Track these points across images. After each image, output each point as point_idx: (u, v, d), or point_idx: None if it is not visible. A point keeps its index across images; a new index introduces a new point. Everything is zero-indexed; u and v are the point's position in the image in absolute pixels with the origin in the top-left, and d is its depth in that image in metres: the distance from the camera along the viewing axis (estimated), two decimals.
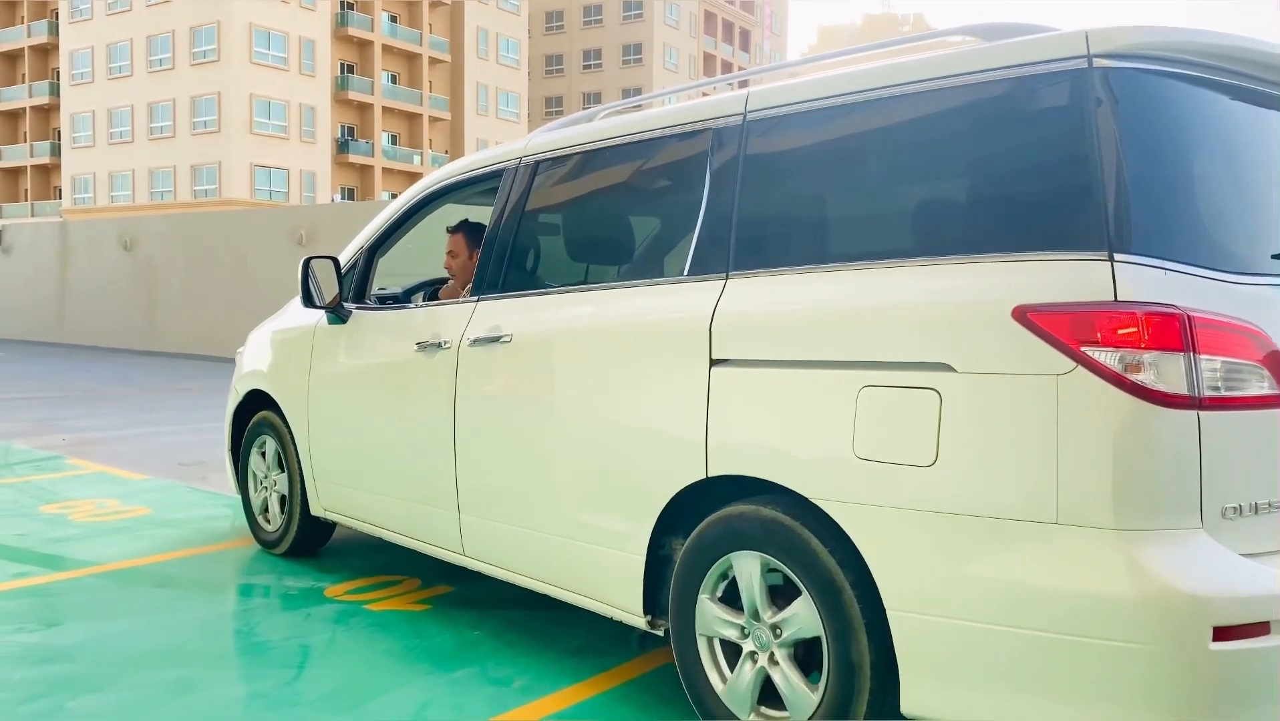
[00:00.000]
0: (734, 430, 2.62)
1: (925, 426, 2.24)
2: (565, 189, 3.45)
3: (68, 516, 5.50)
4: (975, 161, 2.38)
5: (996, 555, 2.15)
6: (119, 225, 20.29)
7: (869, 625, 2.36)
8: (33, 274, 21.88)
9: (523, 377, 3.28)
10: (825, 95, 2.64)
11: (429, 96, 55.16)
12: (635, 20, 69.42)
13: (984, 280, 2.22)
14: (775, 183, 2.74)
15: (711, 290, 2.74)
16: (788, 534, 2.49)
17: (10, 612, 3.89)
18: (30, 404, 10.79)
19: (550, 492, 3.17)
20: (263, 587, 4.33)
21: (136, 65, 47.52)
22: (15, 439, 8.26)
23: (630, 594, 2.94)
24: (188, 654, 3.49)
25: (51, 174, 54.80)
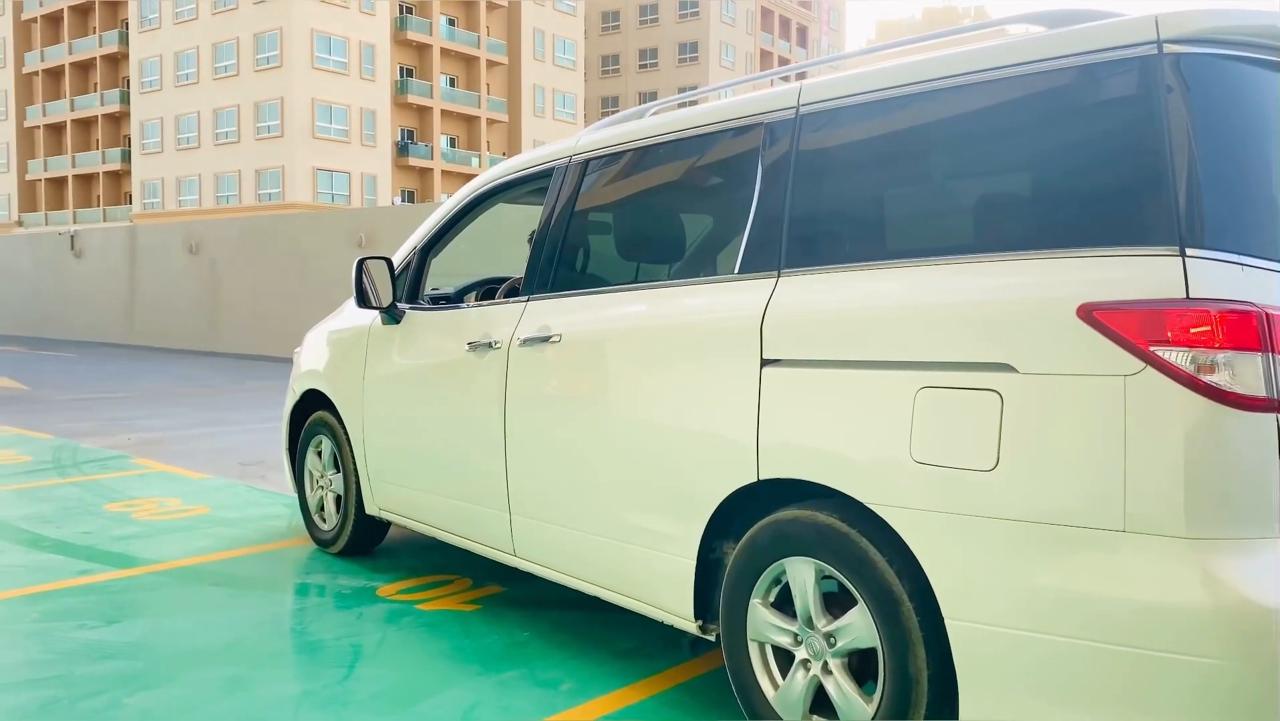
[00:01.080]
0: (786, 432, 2.56)
1: (986, 429, 2.15)
2: (614, 187, 3.41)
3: (131, 515, 5.60)
4: (1038, 153, 2.28)
5: (1061, 564, 2.06)
6: (185, 229, 20.74)
7: (927, 637, 2.28)
8: (104, 277, 22.48)
9: (572, 378, 3.24)
10: (880, 87, 2.57)
11: (486, 99, 55.62)
12: (691, 18, 69.30)
13: (1047, 277, 2.13)
14: (829, 177, 2.67)
15: (763, 288, 2.68)
16: (843, 540, 2.42)
17: (73, 609, 3.96)
18: (100, 404, 11.05)
19: (600, 494, 3.13)
20: (317, 587, 4.36)
21: (203, 72, 48.61)
22: (84, 438, 8.45)
23: (681, 598, 2.89)
24: (241, 652, 3.51)
25: (122, 179, 56.26)
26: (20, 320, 25.22)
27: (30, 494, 6.17)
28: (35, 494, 6.16)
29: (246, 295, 18.69)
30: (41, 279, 24.57)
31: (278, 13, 45.32)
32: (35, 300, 24.76)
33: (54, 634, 3.67)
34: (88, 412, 10.23)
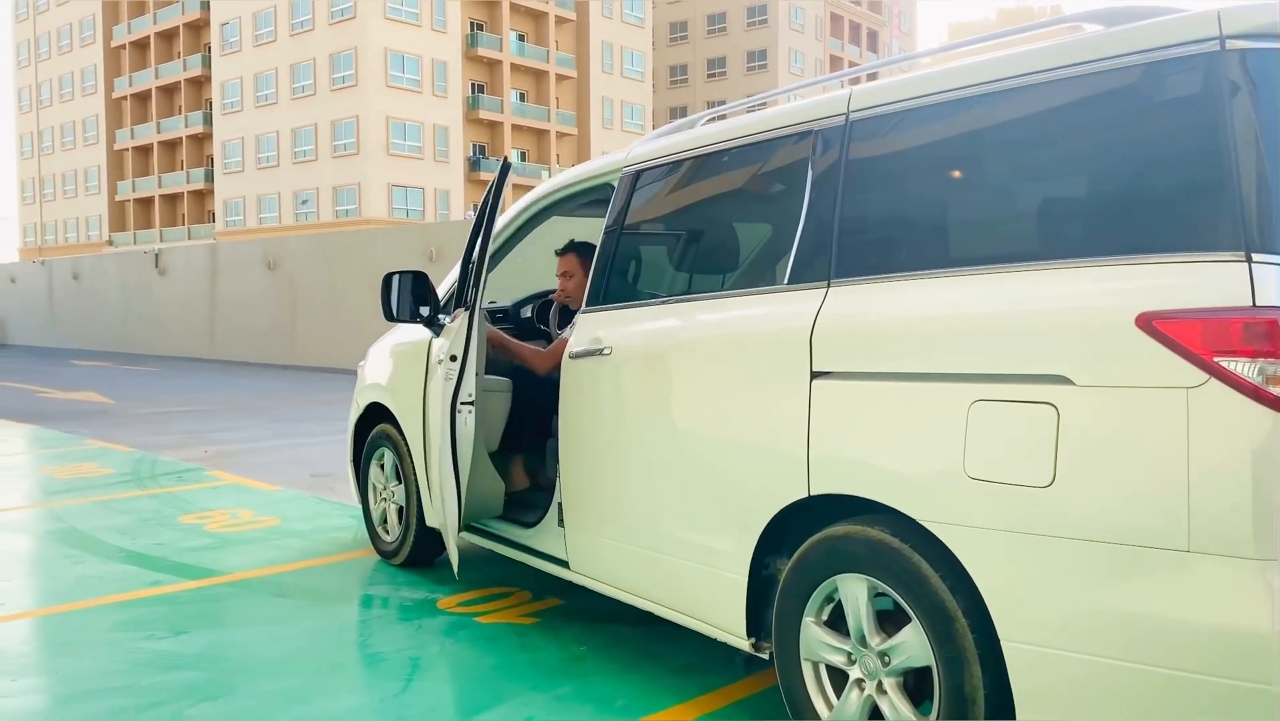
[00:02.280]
0: (836, 446, 2.50)
1: (1042, 444, 2.08)
2: (664, 198, 3.39)
3: (203, 526, 5.73)
4: (1095, 157, 2.20)
5: (1121, 585, 1.98)
6: (263, 245, 21.29)
7: (983, 656, 2.21)
8: (186, 294, 23.18)
9: (622, 391, 3.22)
10: (932, 92, 2.51)
11: (556, 112, 56.10)
12: (759, 26, 69.09)
13: (1105, 285, 2.04)
14: (880, 185, 2.62)
15: (812, 299, 2.63)
16: (895, 557, 2.36)
17: (143, 619, 4.05)
18: (179, 417, 11.37)
19: (651, 508, 3.11)
20: (380, 599, 4.40)
21: (281, 92, 49.90)
22: (162, 451, 8.69)
23: (733, 614, 2.85)
24: (303, 664, 3.56)
25: (205, 199, 58.00)
26: (109, 336, 26.12)
27: (109, 505, 6.35)
28: (114, 505, 6.35)
29: (323, 309, 19.09)
30: (128, 296, 25.43)
31: (353, 32, 46.33)
32: (123, 317, 25.63)
33: (124, 643, 3.76)
34: (167, 426, 10.53)
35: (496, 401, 3.94)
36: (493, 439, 3.93)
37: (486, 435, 3.88)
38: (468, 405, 3.66)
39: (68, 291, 28.43)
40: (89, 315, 27.27)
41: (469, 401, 3.66)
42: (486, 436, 3.88)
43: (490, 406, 3.90)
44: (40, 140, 67.57)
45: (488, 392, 3.85)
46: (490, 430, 3.93)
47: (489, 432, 3.90)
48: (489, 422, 3.88)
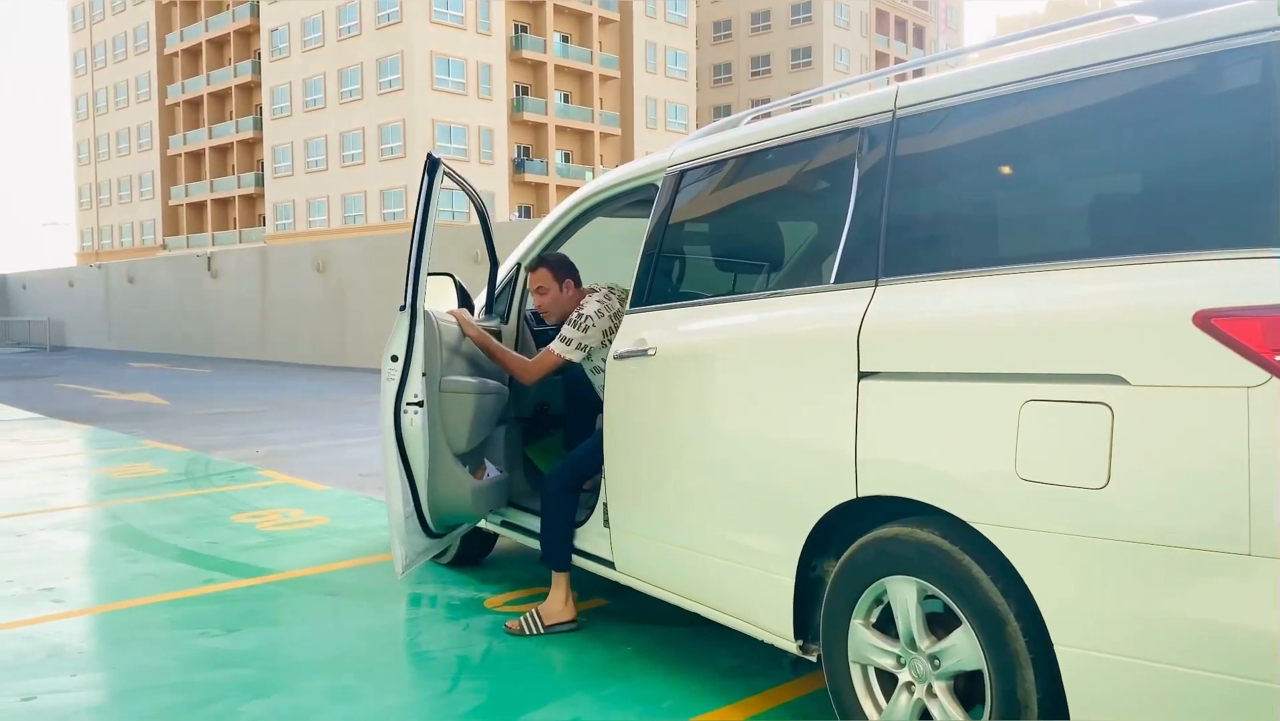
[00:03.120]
0: (884, 447, 2.47)
1: (1096, 445, 2.03)
2: (709, 197, 3.38)
3: (255, 525, 5.82)
4: (1149, 151, 2.15)
5: (1178, 588, 1.93)
6: (312, 249, 21.57)
7: (1035, 660, 2.17)
8: (238, 296, 23.56)
9: (667, 392, 3.22)
10: (979, 87, 2.47)
11: (600, 113, 56.21)
12: (804, 23, 68.67)
13: (1161, 282, 2.00)
14: (928, 182, 2.58)
15: (859, 298, 2.60)
16: (945, 559, 2.33)
17: (197, 617, 4.12)
18: (232, 418, 11.55)
19: (696, 509, 3.10)
20: (428, 597, 4.43)
21: (329, 97, 50.54)
22: (215, 451, 8.84)
23: (780, 616, 2.83)
24: (352, 662, 3.59)
25: (256, 203, 58.91)
26: (164, 338, 26.64)
27: (164, 504, 6.47)
28: (168, 504, 6.47)
29: (371, 311, 19.30)
30: (182, 299, 25.91)
31: (399, 37, 46.79)
32: (177, 319, 26.12)
33: (178, 640, 3.83)
34: (219, 426, 10.70)
35: (460, 402, 3.80)
36: (457, 440, 3.81)
37: (452, 436, 3.78)
38: (415, 405, 3.62)
39: (123, 295, 29.04)
40: (144, 318, 27.83)
41: (416, 402, 3.62)
42: (452, 438, 3.78)
43: (452, 407, 3.77)
44: (96, 146, 69.08)
45: (453, 394, 3.79)
46: (454, 431, 3.79)
47: (454, 434, 3.79)
48: (452, 424, 3.77)
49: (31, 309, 34.54)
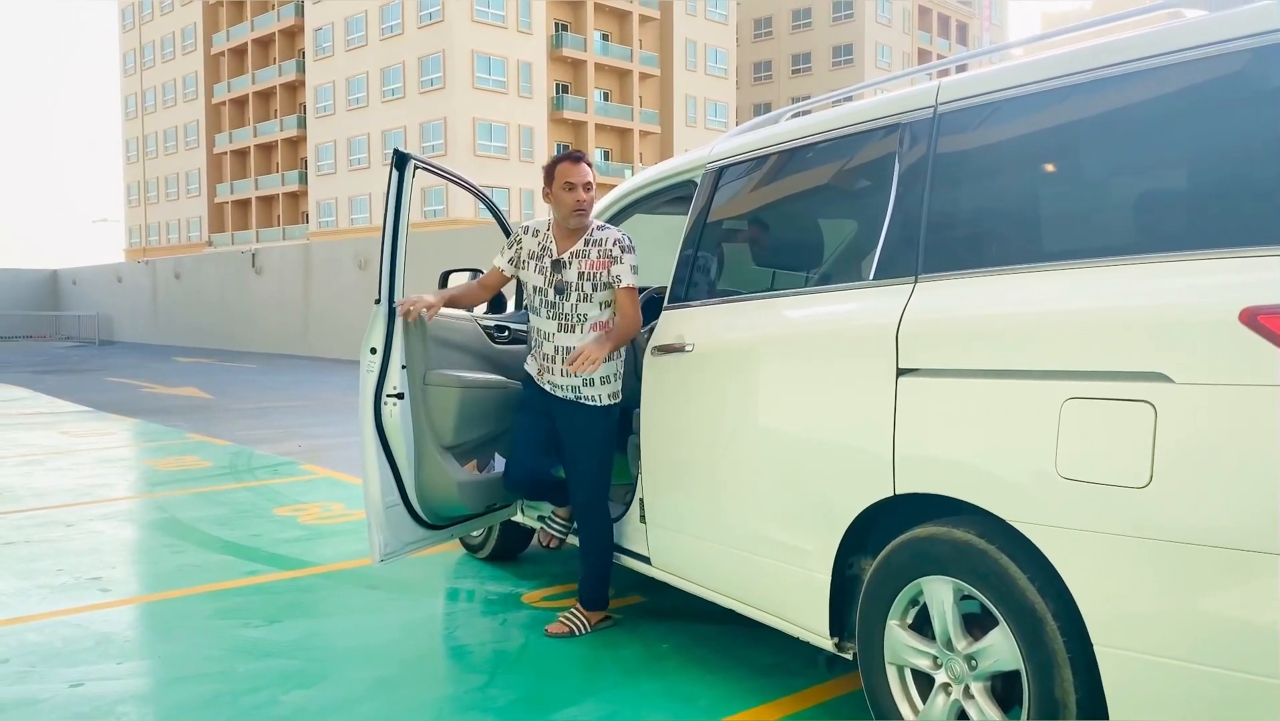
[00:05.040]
0: (923, 445, 2.46)
1: (1138, 443, 2.01)
2: (748, 194, 3.37)
3: (296, 519, 5.89)
4: (1195, 146, 2.12)
5: (1221, 590, 1.90)
6: (354, 246, 21.79)
7: (1074, 660, 2.15)
8: (281, 292, 23.85)
9: (704, 387, 3.22)
10: (1022, 83, 2.44)
11: (639, 111, 56.23)
12: (845, 21, 68.18)
13: (1206, 279, 1.97)
14: (969, 178, 2.56)
15: (899, 294, 2.58)
16: (983, 559, 2.31)
17: (240, 608, 4.19)
18: (274, 412, 11.71)
19: (733, 506, 3.09)
20: (466, 592, 4.47)
21: (372, 96, 51.01)
22: (258, 445, 8.97)
23: (816, 614, 2.82)
24: (390, 654, 3.63)
25: (300, 200, 59.62)
26: (209, 333, 27.05)
27: (208, 497, 6.58)
28: (212, 497, 6.57)
29: None
30: (226, 295, 26.28)
31: (441, 36, 47.12)
32: (221, 315, 26.51)
33: (221, 631, 3.89)
34: (263, 421, 10.85)
35: (444, 395, 3.79)
36: (443, 433, 3.81)
37: (438, 429, 3.79)
38: (394, 397, 3.67)
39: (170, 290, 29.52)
40: (189, 313, 28.27)
41: (395, 394, 3.67)
42: (438, 430, 3.79)
43: (437, 400, 3.78)
44: (145, 145, 70.27)
45: (438, 387, 3.81)
46: (439, 424, 3.80)
47: (439, 427, 3.80)
48: (437, 416, 3.78)
49: (81, 304, 35.22)
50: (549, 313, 3.65)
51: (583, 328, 3.62)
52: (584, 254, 3.63)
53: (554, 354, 3.65)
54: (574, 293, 3.61)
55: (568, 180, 3.59)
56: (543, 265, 3.66)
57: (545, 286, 3.65)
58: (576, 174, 3.60)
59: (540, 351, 3.71)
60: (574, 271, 3.61)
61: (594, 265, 3.61)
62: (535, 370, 3.77)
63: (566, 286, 3.62)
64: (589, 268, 3.61)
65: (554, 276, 3.64)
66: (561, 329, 3.64)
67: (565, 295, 3.62)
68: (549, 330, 3.65)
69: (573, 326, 3.63)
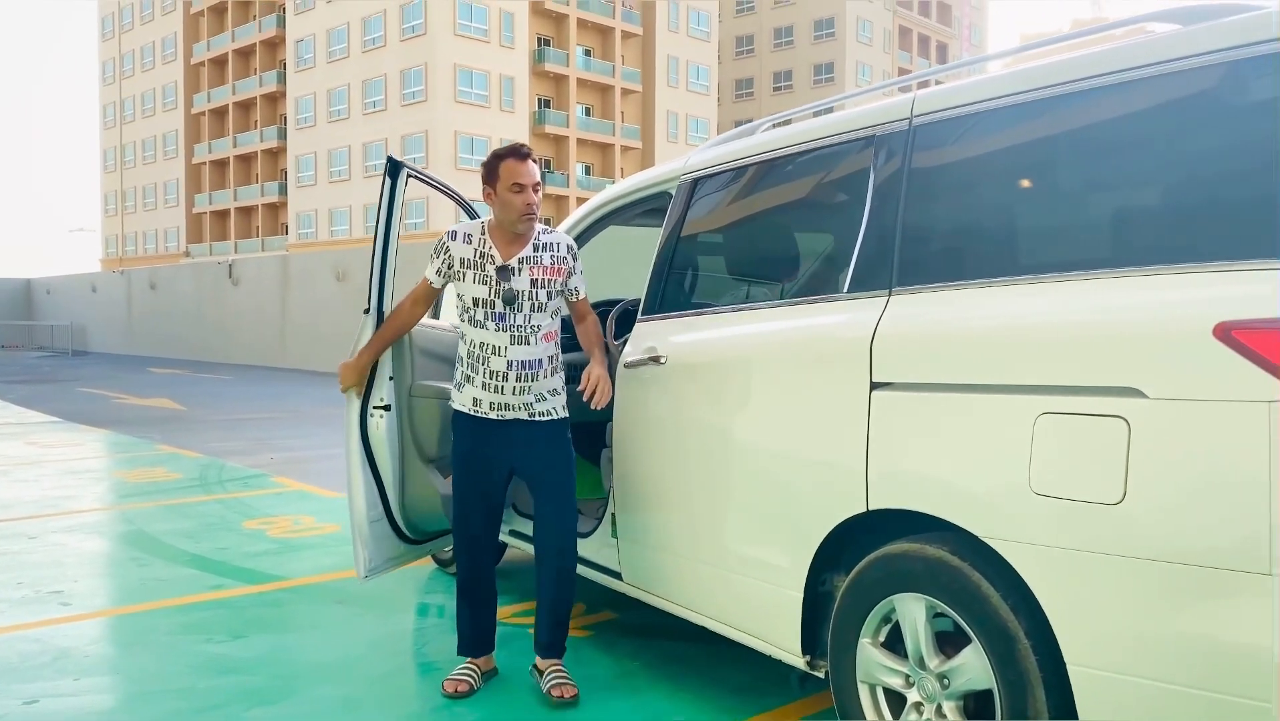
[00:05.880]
0: (896, 460, 2.43)
1: (1112, 459, 1.98)
2: (723, 206, 3.34)
3: (265, 532, 5.81)
4: (1169, 160, 2.10)
5: (1196, 609, 1.87)
6: (333, 257, 21.67)
7: (1047, 680, 2.12)
8: (258, 304, 23.69)
9: (676, 400, 3.18)
10: (997, 95, 2.43)
11: (621, 126, 56.35)
12: (827, 39, 68.65)
13: (1180, 294, 1.95)
14: (944, 191, 2.54)
15: (873, 308, 2.56)
16: (955, 576, 2.27)
17: (203, 623, 4.10)
18: (248, 424, 11.58)
19: (706, 521, 3.05)
20: (436, 607, 4.40)
21: (353, 108, 50.88)
22: (230, 457, 8.86)
23: (788, 631, 2.78)
24: (358, 671, 3.56)
25: (279, 211, 59.32)
26: (184, 344, 26.82)
27: (176, 510, 6.47)
28: (180, 510, 6.47)
29: None
30: (203, 306, 26.08)
31: (423, 49, 47.07)
32: (197, 326, 26.30)
33: (183, 646, 3.81)
34: (235, 432, 10.73)
35: (428, 408, 3.74)
36: (428, 445, 3.77)
37: (422, 442, 3.76)
38: (380, 409, 3.62)
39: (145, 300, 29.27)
40: (165, 323, 28.03)
41: (382, 406, 3.62)
42: (422, 443, 3.76)
43: (421, 412, 3.74)
44: (123, 154, 69.79)
45: (423, 399, 3.76)
46: (424, 437, 3.76)
47: (424, 439, 3.76)
48: (422, 429, 3.74)
49: (55, 314, 34.88)
50: (498, 325, 3.23)
51: (536, 339, 3.27)
52: (534, 260, 3.28)
53: (506, 370, 3.24)
54: (526, 302, 3.25)
55: (516, 181, 3.22)
56: (484, 274, 3.25)
57: (491, 297, 3.24)
58: (525, 173, 3.23)
59: (486, 369, 3.25)
60: (524, 279, 3.25)
61: (548, 272, 3.29)
62: (472, 399, 3.30)
63: (516, 296, 3.24)
64: (543, 274, 3.28)
65: (500, 285, 3.24)
66: (515, 341, 3.25)
67: (516, 306, 3.24)
68: (499, 344, 3.23)
69: (526, 338, 3.26)
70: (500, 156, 3.28)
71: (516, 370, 3.25)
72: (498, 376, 3.26)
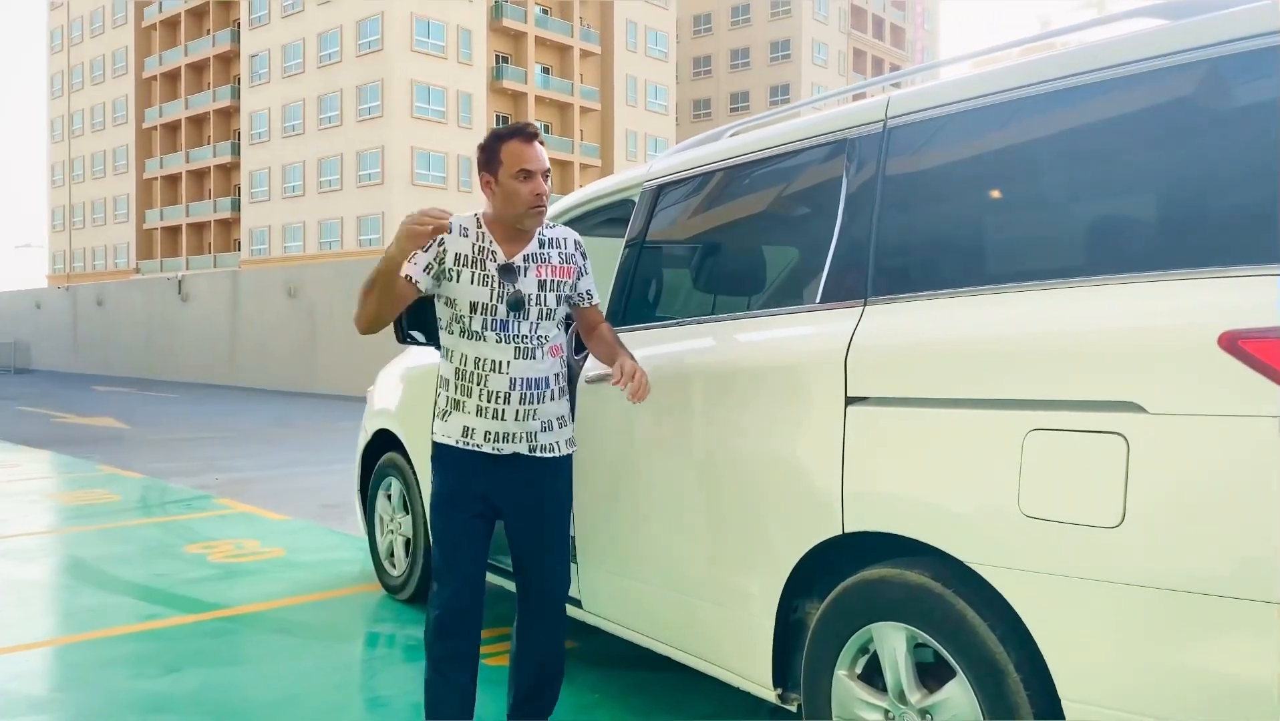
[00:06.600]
0: (874, 480, 2.28)
1: (1109, 479, 1.84)
2: (689, 213, 3.20)
3: (206, 557, 5.54)
4: (1165, 161, 1.98)
5: (1199, 640, 1.74)
6: (284, 273, 21.30)
7: (1039, 715, 1.97)
8: (208, 321, 23.22)
9: (640, 417, 3.01)
10: (978, 94, 2.30)
11: (580, 144, 56.31)
12: (783, 16, 69.31)
13: (1182, 301, 1.82)
14: (923, 195, 2.41)
15: (847, 318, 2.41)
16: (939, 604, 2.12)
17: (134, 656, 3.85)
18: (194, 444, 11.23)
19: (670, 545, 2.89)
20: (385, 637, 4.19)
21: (308, 123, 50.32)
22: (173, 478, 8.54)
23: (757, 662, 2.61)
24: (300, 707, 3.35)
25: (232, 227, 58.43)
26: (132, 362, 26.21)
27: (113, 533, 6.18)
28: (118, 534, 6.18)
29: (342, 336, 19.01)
30: (151, 323, 25.52)
31: (380, 65, 46.69)
32: (145, 343, 25.71)
33: (112, 682, 3.56)
34: (180, 452, 10.39)
35: None
36: None
37: None
38: None
39: (91, 317, 28.60)
40: (112, 341, 27.40)
41: None
42: None
43: None
44: (71, 169, 68.46)
45: None
46: None
47: None
48: None
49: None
50: (500, 336, 2.69)
51: (543, 352, 2.75)
52: (541, 258, 2.78)
53: (509, 389, 2.69)
54: (534, 308, 2.72)
55: (523, 166, 2.68)
56: (485, 273, 2.71)
57: (493, 302, 2.70)
58: (533, 157, 2.70)
59: (483, 389, 2.69)
60: (532, 281, 2.73)
61: (557, 272, 2.79)
62: (462, 427, 2.74)
63: (523, 300, 2.71)
64: (552, 275, 2.78)
65: (504, 287, 2.71)
66: (520, 354, 2.71)
67: (522, 312, 2.71)
68: (502, 359, 2.69)
69: (532, 351, 2.73)
70: (502, 138, 2.72)
71: (520, 390, 2.70)
72: (497, 398, 2.70)
